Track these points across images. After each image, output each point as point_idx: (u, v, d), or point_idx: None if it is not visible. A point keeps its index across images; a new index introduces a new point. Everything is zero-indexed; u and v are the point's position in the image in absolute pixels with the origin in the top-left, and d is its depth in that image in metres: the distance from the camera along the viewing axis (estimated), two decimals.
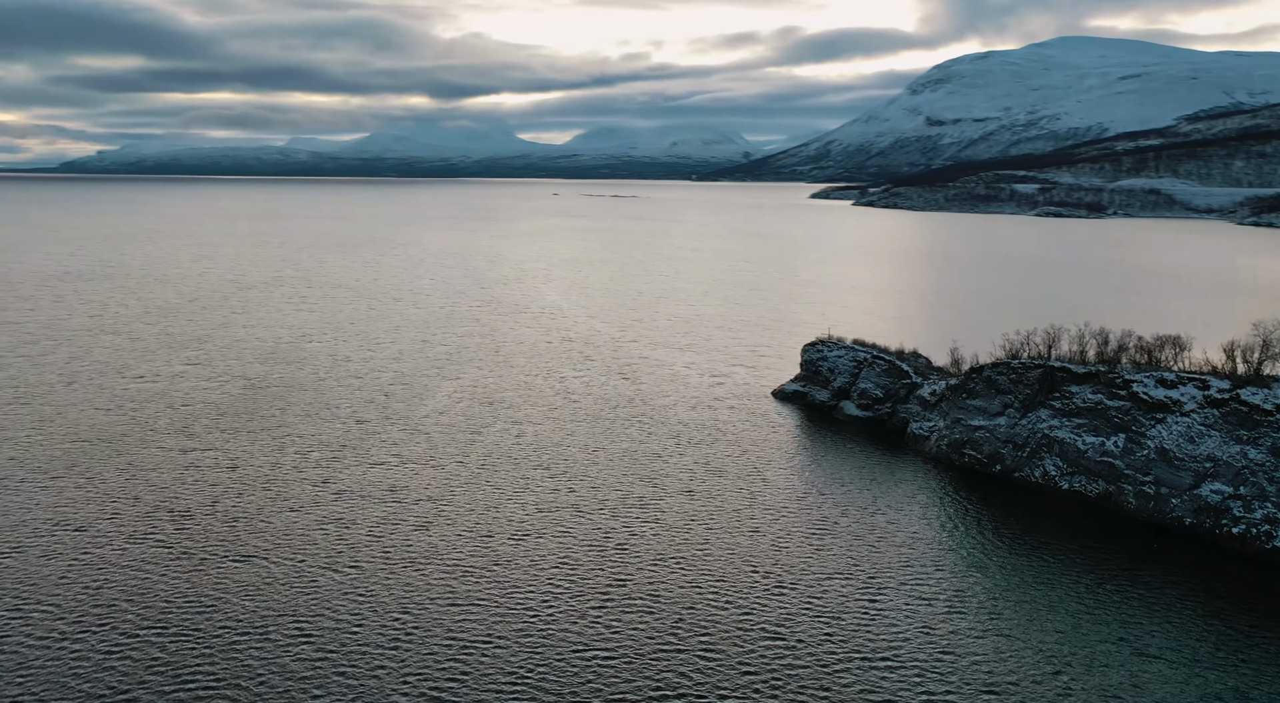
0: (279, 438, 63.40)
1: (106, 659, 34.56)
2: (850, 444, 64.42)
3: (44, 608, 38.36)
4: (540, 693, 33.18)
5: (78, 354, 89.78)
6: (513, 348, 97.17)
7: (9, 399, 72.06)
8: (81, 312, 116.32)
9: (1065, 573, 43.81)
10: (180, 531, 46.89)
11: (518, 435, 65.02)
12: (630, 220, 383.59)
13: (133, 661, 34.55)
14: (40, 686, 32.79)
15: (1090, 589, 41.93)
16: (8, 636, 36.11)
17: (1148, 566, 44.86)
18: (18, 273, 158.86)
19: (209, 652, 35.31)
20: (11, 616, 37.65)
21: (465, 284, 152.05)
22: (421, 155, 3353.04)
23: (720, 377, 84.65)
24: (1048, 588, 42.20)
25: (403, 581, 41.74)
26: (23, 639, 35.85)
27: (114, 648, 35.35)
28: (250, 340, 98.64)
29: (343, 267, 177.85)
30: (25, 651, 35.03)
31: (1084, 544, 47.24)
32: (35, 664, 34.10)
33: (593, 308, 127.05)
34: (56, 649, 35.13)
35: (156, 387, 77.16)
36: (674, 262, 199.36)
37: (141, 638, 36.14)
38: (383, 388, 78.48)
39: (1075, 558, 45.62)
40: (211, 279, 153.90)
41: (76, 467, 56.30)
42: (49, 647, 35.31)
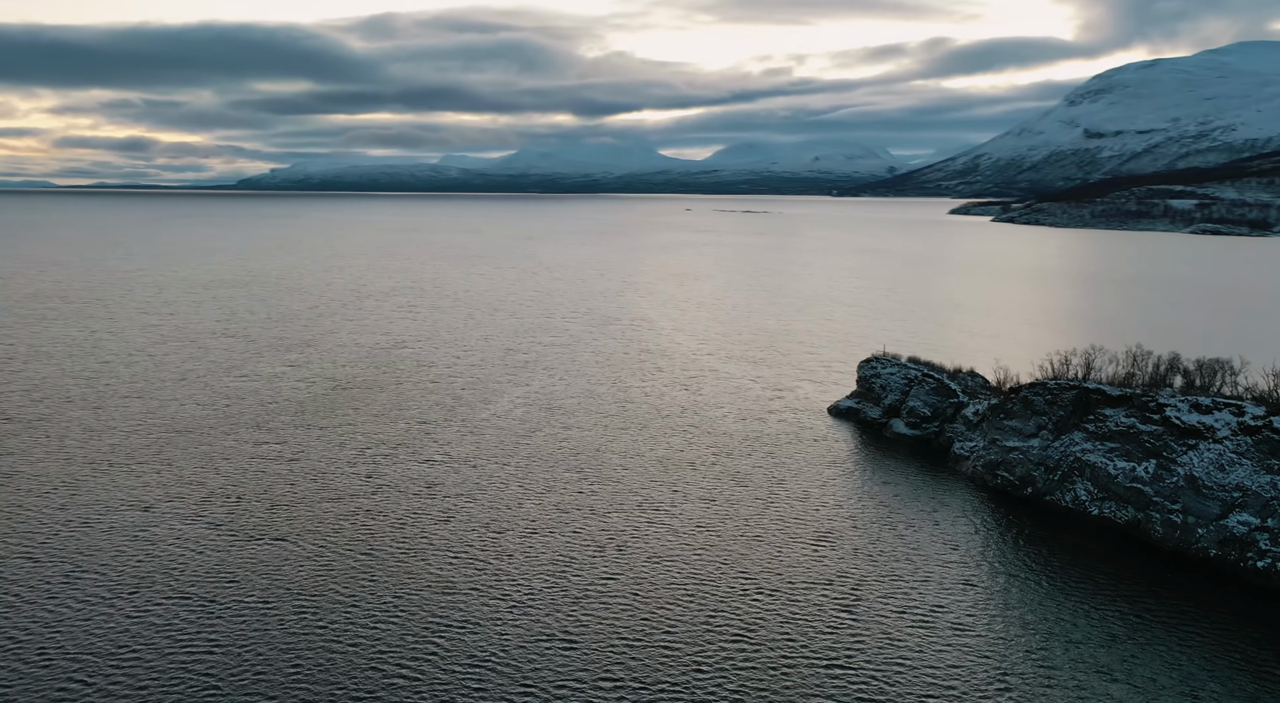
0: (344, 435, 68.21)
1: (133, 624, 38.91)
2: (889, 461, 63.75)
3: (90, 575, 43.39)
4: (508, 677, 35.26)
5: (196, 354, 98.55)
6: (589, 357, 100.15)
7: (126, 393, 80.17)
8: (212, 316, 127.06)
9: (1074, 603, 42.53)
10: (228, 514, 51.64)
11: (562, 440, 67.57)
12: (754, 235, 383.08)
13: (154, 626, 38.77)
14: (77, 643, 37.30)
15: (1096, 620, 40.66)
16: (57, 596, 41.14)
17: (1159, 597, 42.95)
18: (169, 280, 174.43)
19: (220, 620, 39.21)
20: (63, 581, 42.80)
21: (567, 296, 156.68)
22: (565, 172, 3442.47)
23: (782, 391, 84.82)
24: (1051, 621, 41.13)
25: (406, 567, 44.80)
26: (70, 601, 40.75)
27: (141, 613, 39.74)
28: (350, 345, 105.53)
29: (457, 278, 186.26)
30: (69, 610, 39.88)
31: (1101, 572, 45.59)
32: (75, 622, 38.81)
33: (681, 321, 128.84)
34: (92, 611, 39.81)
35: (253, 385, 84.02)
36: (780, 276, 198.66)
37: (164, 606, 40.45)
38: (455, 392, 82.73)
39: (1087, 586, 44.16)
40: (336, 288, 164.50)
41: (161, 454, 62.50)
42: (86, 608, 40.05)
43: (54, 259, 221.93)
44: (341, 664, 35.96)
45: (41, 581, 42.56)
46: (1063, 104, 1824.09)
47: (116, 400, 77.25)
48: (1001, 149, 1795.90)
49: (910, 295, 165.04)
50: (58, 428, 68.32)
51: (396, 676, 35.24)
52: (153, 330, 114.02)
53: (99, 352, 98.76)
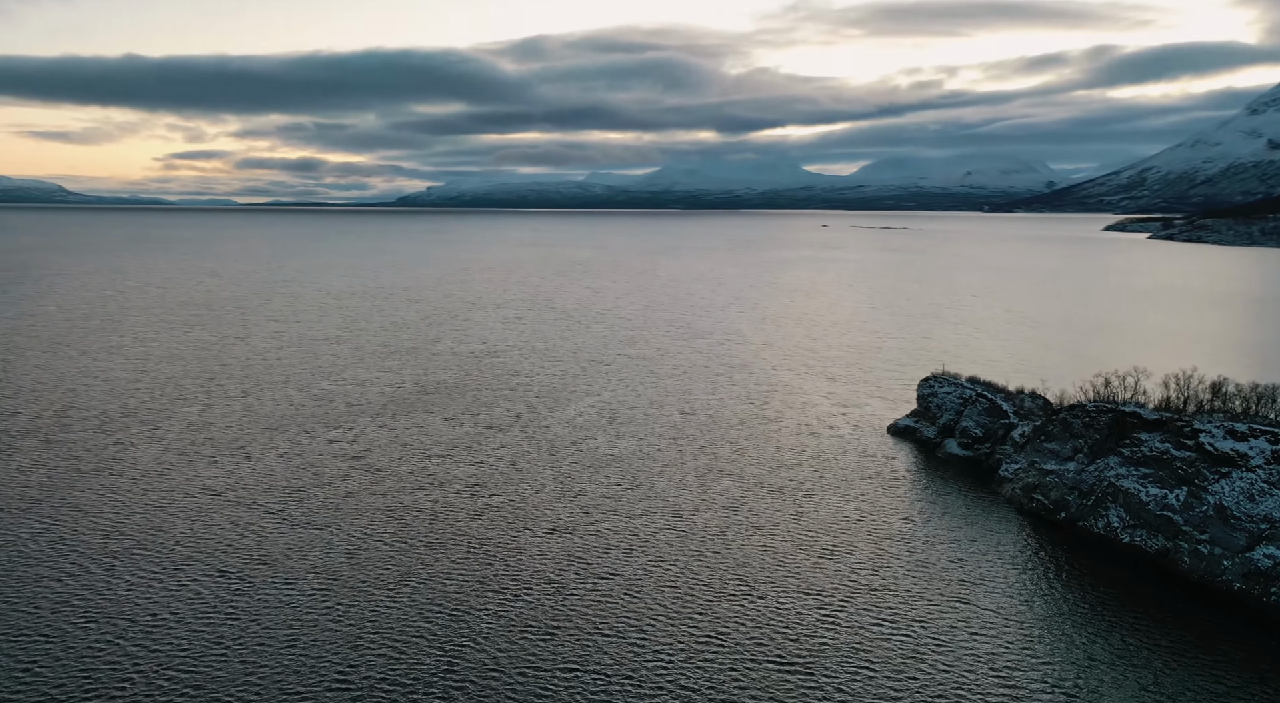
0: (410, 435, 72.60)
1: (171, 596, 43.50)
2: (932, 480, 62.65)
3: (148, 552, 48.57)
4: (479, 663, 37.63)
5: (305, 359, 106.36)
6: (668, 370, 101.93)
7: (233, 393, 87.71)
8: (332, 324, 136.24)
9: (1089, 636, 41.32)
10: (283, 503, 56.34)
11: (611, 447, 69.68)
12: (883, 252, 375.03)
13: (188, 599, 43.22)
14: (120, 610, 42.12)
15: (1109, 653, 39.48)
16: (114, 569, 46.36)
17: (1173, 630, 41.02)
18: (306, 290, 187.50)
19: (246, 595, 43.29)
20: (123, 556, 48.11)
21: (669, 310, 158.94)
22: (707, 188, 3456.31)
23: (850, 407, 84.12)
24: (1060, 652, 40.22)
25: (422, 556, 47.93)
26: (124, 573, 45.87)
27: (180, 586, 44.34)
28: (446, 354, 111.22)
29: (570, 291, 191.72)
30: (120, 580, 44.94)
31: (1121, 603, 43.88)
32: (122, 590, 43.77)
33: (773, 336, 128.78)
34: (139, 582, 44.72)
35: (344, 388, 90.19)
36: (893, 293, 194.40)
37: (201, 581, 44.98)
38: (527, 400, 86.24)
39: (1105, 619, 42.69)
40: (452, 300, 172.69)
41: (244, 448, 68.46)
42: (136, 580, 45.02)
43: (214, 270, 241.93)
44: (345, 638, 39.13)
45: (106, 554, 47.98)
46: (1244, 113, 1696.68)
47: (223, 399, 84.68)
48: (1172, 162, 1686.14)
49: (1023, 314, 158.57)
50: (165, 421, 75.74)
51: (389, 650, 38.13)
52: (275, 336, 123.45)
53: (222, 355, 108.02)
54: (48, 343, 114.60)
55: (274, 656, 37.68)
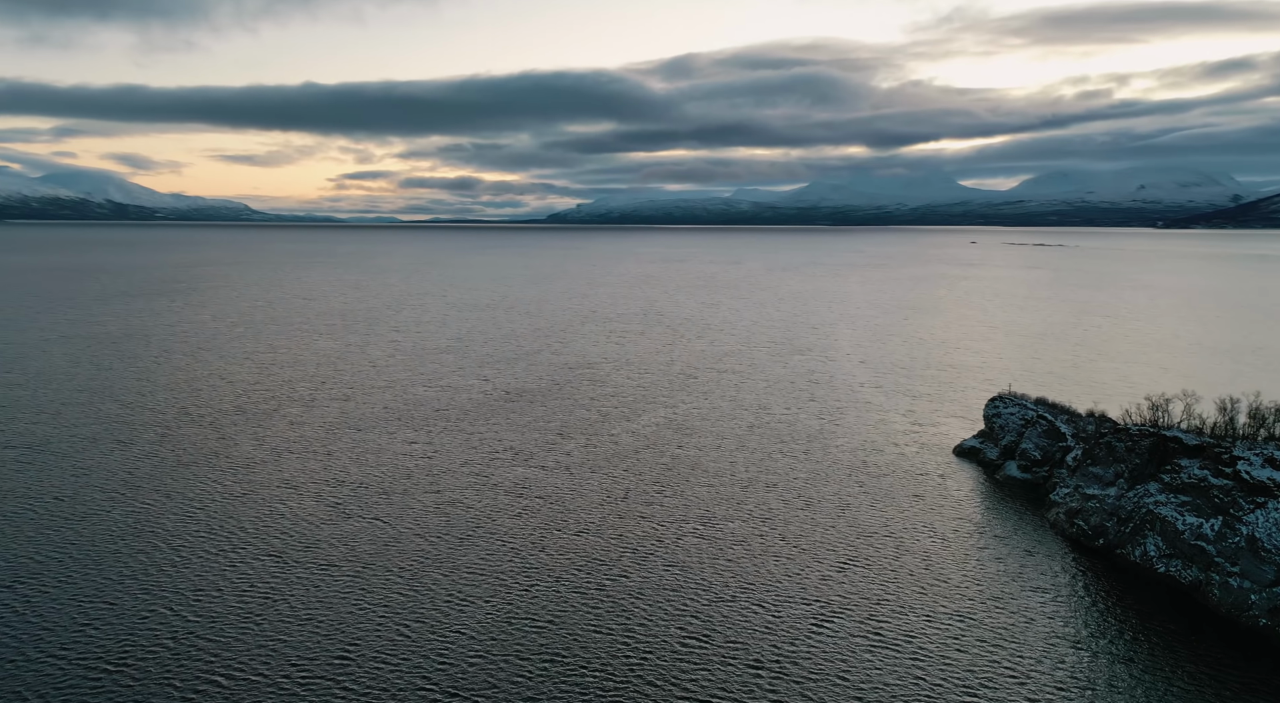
0: (483, 440, 76.48)
1: (223, 576, 48.26)
2: (978, 501, 61.04)
3: (218, 536, 53.81)
4: (466, 648, 40.26)
5: (412, 366, 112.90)
6: (752, 384, 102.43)
7: (335, 395, 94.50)
8: (448, 334, 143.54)
9: (1099, 671, 40.20)
10: (348, 496, 60.93)
11: (667, 456, 71.27)
12: (1024, 269, 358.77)
13: (236, 577, 47.86)
14: (178, 583, 47.17)
15: (1122, 691, 38.40)
16: (183, 548, 51.72)
17: (1192, 669, 39.13)
18: (436, 302, 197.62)
19: (289, 579, 47.55)
20: (195, 536, 53.52)
21: (776, 325, 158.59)
22: (856, 204, 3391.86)
23: (923, 426, 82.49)
24: (1072, 687, 39.41)
25: (452, 551, 51.02)
26: (191, 552, 51.13)
27: (232, 567, 49.10)
28: (544, 364, 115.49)
29: (684, 306, 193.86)
30: (183, 558, 50.16)
31: (1141, 637, 42.13)
32: (184, 566, 48.90)
33: (871, 353, 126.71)
34: (200, 560, 49.79)
35: (437, 394, 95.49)
36: (1018, 312, 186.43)
37: (252, 562, 49.61)
38: (605, 410, 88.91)
39: (1129, 654, 41.23)
40: (567, 313, 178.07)
41: (329, 446, 74.05)
42: (199, 559, 50.11)
43: (359, 283, 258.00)
44: (357, 617, 42.56)
45: (176, 535, 53.50)
46: None
47: (326, 401, 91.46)
48: None
49: (1153, 336, 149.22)
50: (270, 420, 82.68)
51: (395, 630, 41.29)
52: (392, 345, 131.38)
53: (339, 362, 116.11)
54: (193, 347, 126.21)
55: (292, 629, 41.42)
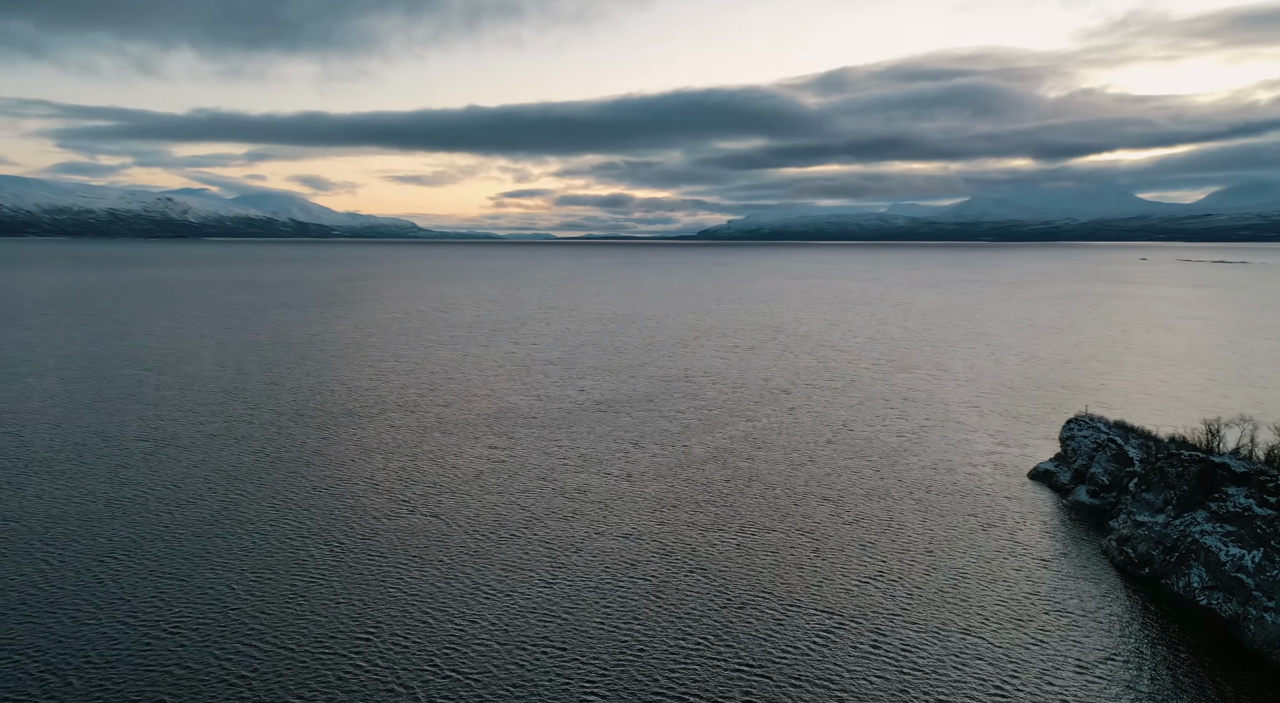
0: (560, 447, 79.64)
1: (276, 566, 53.05)
2: (1037, 525, 58.89)
3: (285, 527, 58.96)
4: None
5: (518, 376, 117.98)
6: (845, 399, 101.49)
7: (437, 402, 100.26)
8: (562, 346, 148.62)
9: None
10: (415, 496, 65.19)
11: (731, 468, 72.20)
12: (1189, 289, 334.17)
13: (284, 567, 52.52)
14: (232, 569, 52.28)
15: None
16: (244, 539, 57.02)
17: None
18: (559, 316, 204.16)
19: (340, 568, 51.80)
20: (262, 528, 58.83)
21: (893, 342, 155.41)
22: (1021, 218, 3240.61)
23: (1007, 448, 79.81)
24: None
25: (497, 550, 54.02)
26: (251, 543, 56.34)
27: (290, 557, 53.85)
28: (643, 377, 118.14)
29: (806, 322, 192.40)
30: (243, 545, 55.35)
31: (1165, 672, 40.34)
32: (240, 555, 54.05)
33: (983, 372, 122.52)
34: (260, 551, 54.83)
35: (530, 402, 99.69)
36: (1160, 333, 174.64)
37: (308, 553, 54.21)
38: (688, 422, 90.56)
39: (1144, 688, 39.78)
40: (684, 327, 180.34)
41: (415, 449, 79.04)
42: (260, 549, 55.20)
43: (495, 297, 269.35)
44: (395, 604, 46.14)
45: (259, 522, 58.92)
46: None
47: (428, 407, 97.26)
48: None
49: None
50: (371, 423, 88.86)
51: (415, 614, 44.57)
52: (507, 355, 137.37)
53: (453, 370, 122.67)
54: (327, 355, 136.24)
55: (328, 609, 45.31)
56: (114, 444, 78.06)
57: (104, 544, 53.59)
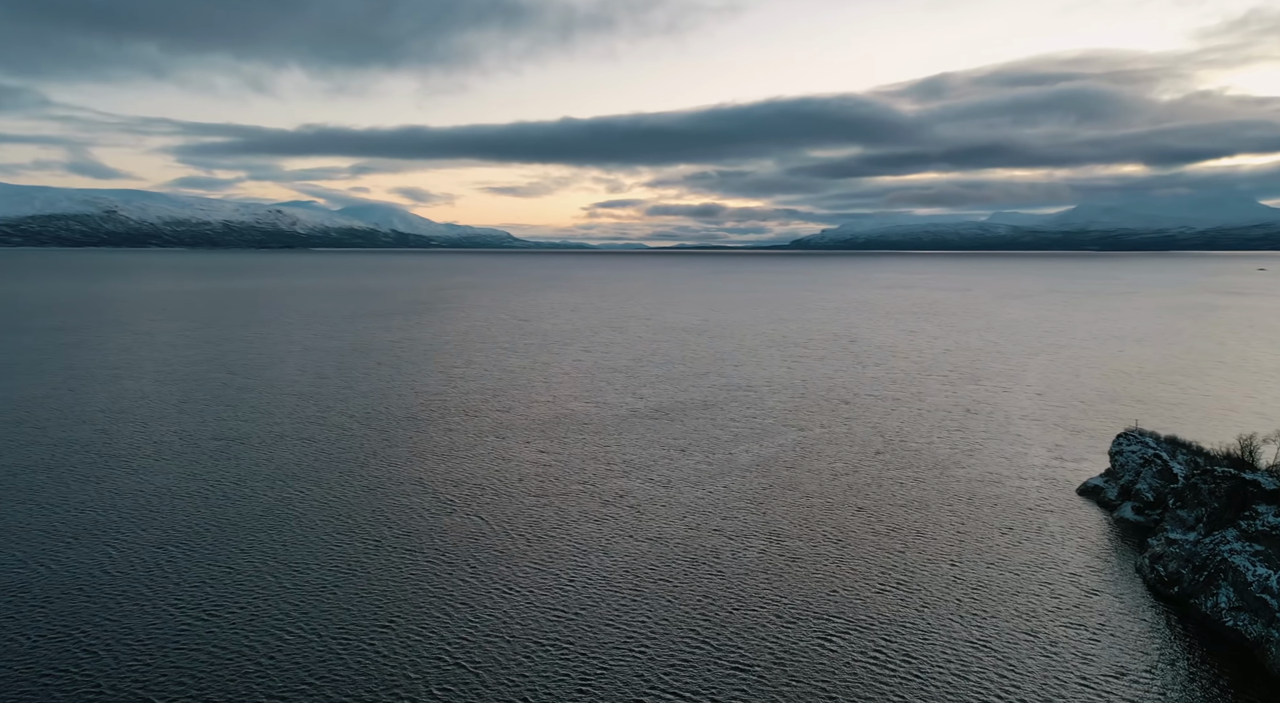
0: (608, 452, 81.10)
1: (320, 555, 55.89)
2: (1072, 541, 57.37)
3: (333, 521, 61.94)
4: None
5: (579, 382, 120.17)
6: (905, 411, 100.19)
7: (500, 408, 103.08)
8: (631, 354, 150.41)
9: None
10: (458, 495, 67.53)
11: (770, 477, 72.42)
12: None
13: (330, 558, 55.29)
14: (271, 566, 55.27)
15: None
16: (289, 535, 60.12)
17: None
18: (634, 324, 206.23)
19: (374, 561, 54.33)
20: (321, 518, 61.92)
21: (966, 353, 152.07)
22: (1132, 227, 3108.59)
23: (1064, 462, 77.73)
24: None
25: (522, 549, 55.72)
26: (295, 540, 59.41)
27: (331, 548, 56.63)
28: (703, 386, 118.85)
29: (883, 332, 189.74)
30: (289, 539, 58.42)
31: (1171, 692, 39.32)
32: (284, 550, 57.07)
33: (1053, 385, 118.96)
34: (303, 547, 57.78)
35: (587, 409, 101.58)
36: (1261, 346, 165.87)
37: (347, 544, 56.94)
38: (739, 431, 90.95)
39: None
40: (757, 336, 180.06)
41: (469, 451, 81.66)
42: (303, 546, 58.18)
43: (576, 306, 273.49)
44: (419, 597, 48.29)
45: (309, 518, 62.05)
46: None
47: (487, 411, 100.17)
48: None
49: None
50: (430, 428, 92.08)
51: (438, 607, 46.57)
52: (575, 364, 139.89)
53: (519, 377, 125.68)
54: (403, 361, 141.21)
55: (353, 601, 47.72)
56: (189, 442, 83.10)
57: (160, 535, 57.45)
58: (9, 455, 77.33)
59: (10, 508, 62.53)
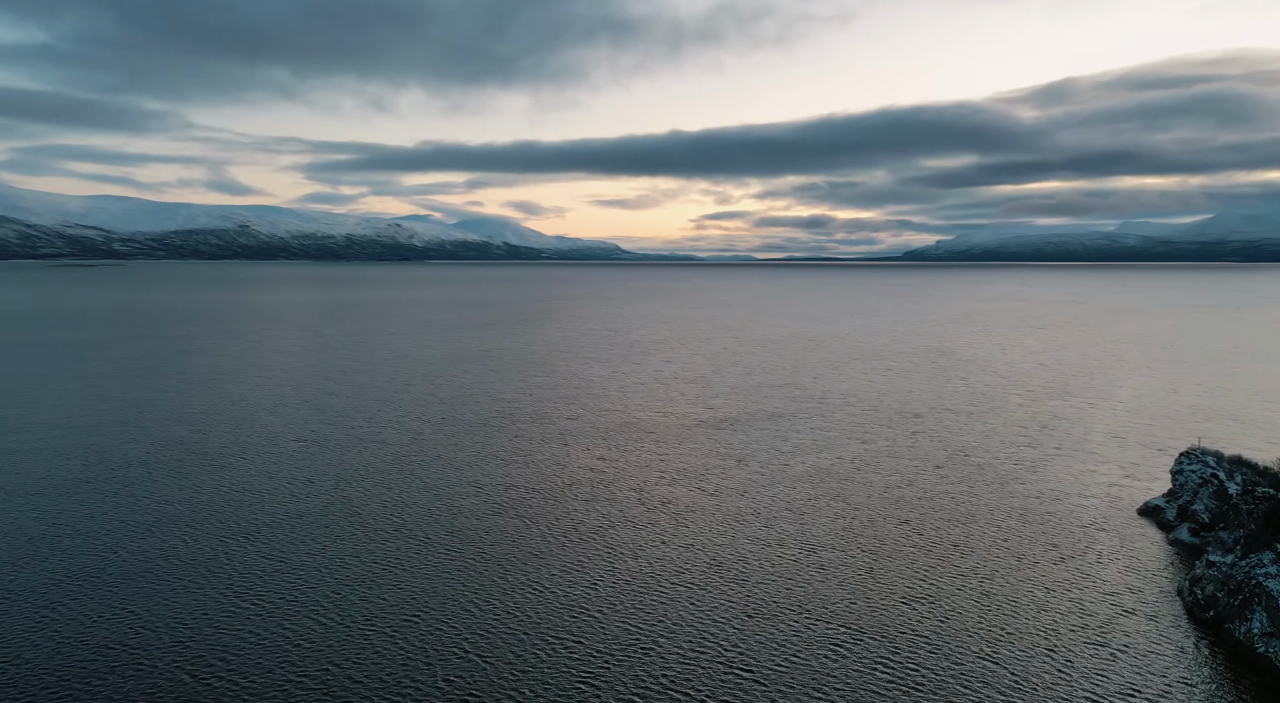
0: (664, 461, 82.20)
1: (363, 551, 58.88)
2: (1122, 562, 55.22)
3: (388, 519, 65.01)
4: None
5: (654, 391, 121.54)
6: (978, 425, 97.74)
7: (569, 415, 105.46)
8: (711, 365, 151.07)
9: None
10: (513, 498, 69.79)
11: (819, 489, 72.11)
12: None
13: (378, 554, 58.21)
14: (322, 560, 58.53)
15: None
16: (358, 526, 63.39)
17: None
18: (721, 336, 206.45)
19: (419, 558, 56.97)
20: (376, 516, 65.15)
21: (1062, 368, 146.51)
22: (1278, 237, 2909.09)
23: (1134, 481, 74.62)
24: None
25: (563, 553, 57.37)
26: (363, 532, 62.65)
27: (381, 545, 59.57)
28: (777, 397, 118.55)
29: (977, 346, 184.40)
30: (352, 535, 61.66)
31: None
32: (349, 542, 60.28)
33: (1146, 402, 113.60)
34: (355, 543, 60.92)
35: (652, 417, 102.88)
36: None
37: (389, 547, 59.77)
38: (801, 443, 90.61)
39: None
40: (844, 350, 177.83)
41: (530, 456, 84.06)
42: (353, 536, 61.34)
43: (670, 318, 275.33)
44: (455, 593, 50.56)
45: (364, 516, 65.31)
46: None
47: (556, 419, 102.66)
48: None
49: None
50: (499, 432, 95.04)
51: (465, 602, 48.70)
52: (654, 374, 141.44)
53: (595, 386, 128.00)
54: (487, 370, 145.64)
55: (387, 594, 50.28)
56: (273, 443, 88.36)
57: (226, 527, 61.66)
58: (112, 452, 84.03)
59: (102, 498, 68.19)
